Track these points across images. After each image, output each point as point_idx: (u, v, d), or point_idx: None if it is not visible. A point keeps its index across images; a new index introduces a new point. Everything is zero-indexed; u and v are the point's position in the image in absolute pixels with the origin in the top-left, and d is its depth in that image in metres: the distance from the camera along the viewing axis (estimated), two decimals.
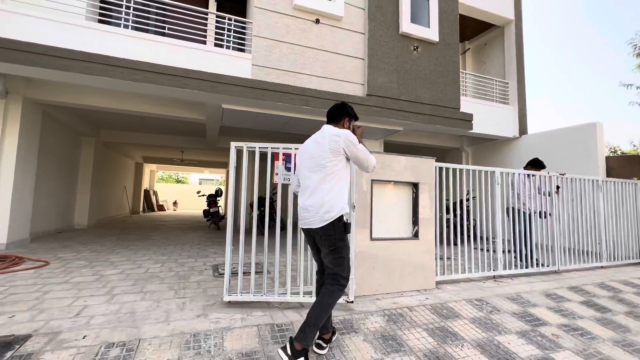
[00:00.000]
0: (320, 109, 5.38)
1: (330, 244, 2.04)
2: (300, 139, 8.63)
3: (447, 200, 6.52)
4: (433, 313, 2.81)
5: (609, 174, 5.97)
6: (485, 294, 3.32)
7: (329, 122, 2.29)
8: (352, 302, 2.82)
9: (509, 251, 4.79)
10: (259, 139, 8.84)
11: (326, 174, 2.07)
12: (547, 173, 4.54)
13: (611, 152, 12.13)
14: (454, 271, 3.84)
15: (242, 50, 5.54)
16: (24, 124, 5.27)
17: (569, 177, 4.72)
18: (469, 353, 2.27)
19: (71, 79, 4.54)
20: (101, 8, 5.42)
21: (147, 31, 5.39)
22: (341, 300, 2.83)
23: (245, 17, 6.51)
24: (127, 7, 4.99)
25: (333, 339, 2.24)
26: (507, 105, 7.70)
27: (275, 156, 3.02)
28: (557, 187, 4.61)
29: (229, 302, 2.80)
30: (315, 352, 2.09)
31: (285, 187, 3.14)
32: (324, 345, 2.12)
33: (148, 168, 17.99)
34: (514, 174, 4.52)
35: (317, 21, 5.58)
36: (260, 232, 6.74)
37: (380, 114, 5.73)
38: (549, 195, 4.55)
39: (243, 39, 5.61)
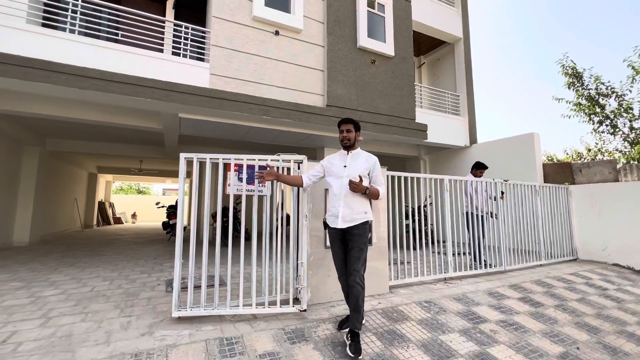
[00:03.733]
0: (281, 119, 5.43)
1: None
2: (262, 148, 8.60)
3: (407, 206, 6.80)
4: (383, 317, 2.92)
5: (546, 179, 6.57)
6: (434, 296, 3.50)
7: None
8: (304, 310, 2.85)
9: (459, 254, 5.10)
10: (220, 147, 8.70)
11: None
12: (493, 179, 4.92)
13: (548, 159, 13.34)
14: (408, 275, 4.00)
15: (202, 60, 5.48)
16: None
17: (512, 183, 5.14)
18: (413, 353, 2.38)
19: (7, 84, 4.22)
20: (45, 12, 5.11)
21: (98, 37, 5.16)
22: (294, 309, 2.85)
23: (204, 25, 6.46)
24: (74, 12, 4.76)
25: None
26: (458, 117, 8.24)
27: (227, 167, 3.01)
28: (502, 193, 5.00)
29: (179, 317, 2.72)
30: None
31: (249, 197, 3.10)
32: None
33: (103, 179, 16.91)
34: (466, 181, 4.84)
35: (277, 33, 5.66)
36: (224, 243, 6.61)
37: None
38: (495, 200, 4.92)
39: (202, 48, 5.55)
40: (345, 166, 2.63)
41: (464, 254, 5.25)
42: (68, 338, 2.34)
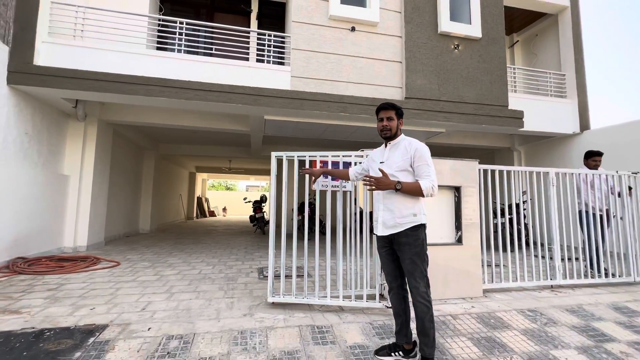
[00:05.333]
0: (358, 115, 5.43)
1: None
2: (339, 145, 8.73)
3: (502, 204, 6.12)
4: (479, 322, 2.69)
5: None
6: (540, 305, 3.08)
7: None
8: (391, 307, 2.80)
9: (570, 259, 4.37)
10: (300, 146, 9.12)
11: None
12: (616, 172, 4.08)
13: None
14: (504, 279, 3.61)
15: (282, 64, 5.83)
16: (99, 143, 6.08)
17: None
18: None
19: (135, 100, 5.14)
20: (158, 36, 6.06)
21: (197, 53, 5.93)
22: (380, 305, 2.83)
23: (284, 31, 6.84)
24: (180, 34, 5.53)
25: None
26: (564, 99, 7.04)
27: (312, 164, 3.14)
28: (630, 188, 4.12)
29: (273, 303, 2.96)
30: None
31: (328, 193, 3.23)
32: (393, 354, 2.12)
33: (200, 177, 19.39)
34: (579, 174, 4.13)
35: (353, 29, 5.66)
36: (302, 236, 6.96)
37: (420, 116, 5.61)
38: (619, 196, 4.08)
39: (282, 53, 5.90)
40: (382, 162, 2.15)
41: (576, 259, 4.49)
42: (188, 311, 2.77)
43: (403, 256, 2.01)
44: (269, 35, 5.78)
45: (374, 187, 2.01)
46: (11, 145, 4.47)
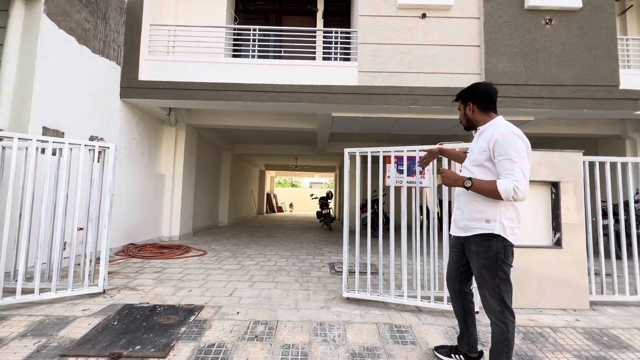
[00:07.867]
0: (430, 107, 5.14)
1: None
2: (408, 139, 8.37)
3: (614, 203, 5.16)
4: (587, 338, 2.32)
5: None
6: None
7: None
8: (476, 312, 2.59)
9: None
10: (366, 142, 9.02)
11: None
12: None
13: None
14: (619, 291, 3.05)
15: (348, 59, 5.80)
16: (187, 145, 6.86)
17: None
18: None
19: (217, 106, 5.66)
20: (234, 44, 6.56)
21: (267, 57, 6.27)
22: None
23: (349, 27, 6.81)
24: (253, 40, 5.90)
25: None
26: None
27: (386, 159, 3.06)
28: None
29: (347, 298, 2.98)
30: None
31: (397, 189, 3.14)
32: None
33: (269, 174, 20.60)
34: None
35: (424, 16, 5.35)
36: (373, 234, 6.90)
37: (503, 104, 5.05)
38: None
39: (348, 49, 5.87)
40: (466, 152, 1.92)
41: None
42: (269, 300, 2.96)
43: (473, 265, 1.77)
44: (336, 33, 5.81)
45: (445, 181, 1.79)
46: (123, 150, 5.32)
